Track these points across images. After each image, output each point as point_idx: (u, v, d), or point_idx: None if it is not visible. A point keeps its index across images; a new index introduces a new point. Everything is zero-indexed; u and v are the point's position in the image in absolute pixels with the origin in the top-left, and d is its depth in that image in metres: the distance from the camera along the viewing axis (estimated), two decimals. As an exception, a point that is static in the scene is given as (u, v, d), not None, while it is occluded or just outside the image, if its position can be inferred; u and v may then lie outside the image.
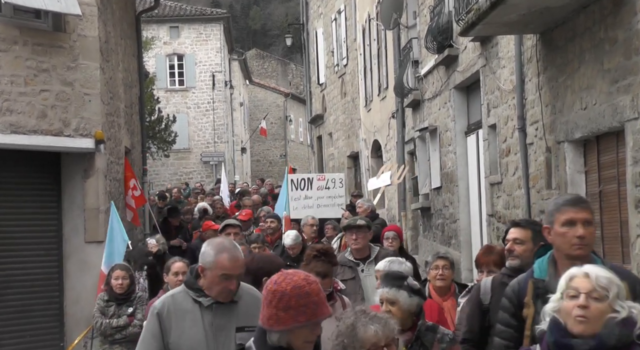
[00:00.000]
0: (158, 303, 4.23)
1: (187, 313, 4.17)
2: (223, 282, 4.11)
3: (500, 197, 11.22)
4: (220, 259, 4.11)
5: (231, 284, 4.12)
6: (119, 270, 8.41)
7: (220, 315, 4.17)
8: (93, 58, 10.71)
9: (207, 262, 4.15)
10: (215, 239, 4.43)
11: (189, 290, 4.22)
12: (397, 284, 4.41)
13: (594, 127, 7.81)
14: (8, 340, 10.11)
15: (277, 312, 3.19)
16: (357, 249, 7.22)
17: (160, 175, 36.22)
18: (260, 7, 76.77)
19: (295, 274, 3.25)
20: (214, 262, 4.11)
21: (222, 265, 4.10)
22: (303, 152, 46.79)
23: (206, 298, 4.16)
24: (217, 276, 4.10)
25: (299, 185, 12.77)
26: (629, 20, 6.97)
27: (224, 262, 4.10)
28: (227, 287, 4.12)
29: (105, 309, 8.27)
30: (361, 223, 7.34)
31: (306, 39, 30.74)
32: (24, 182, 10.56)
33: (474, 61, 12.11)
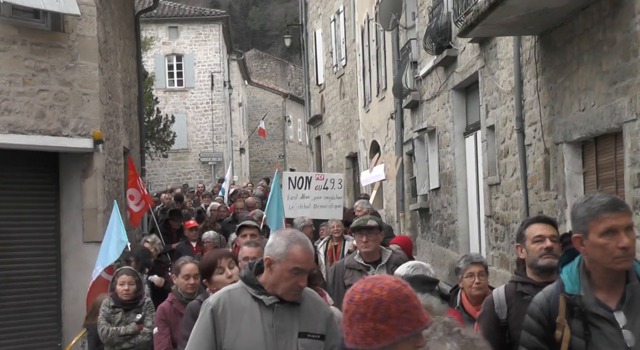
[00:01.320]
0: (213, 298, 3.83)
1: (245, 312, 3.76)
2: (294, 277, 3.71)
3: (498, 198, 11.23)
4: (293, 250, 3.71)
5: (302, 279, 3.73)
6: (124, 275, 7.68)
7: (282, 317, 3.77)
8: (92, 58, 10.71)
9: (277, 253, 3.73)
10: (285, 230, 4.01)
11: (248, 287, 3.80)
12: (428, 288, 3.97)
13: (592, 129, 7.81)
14: (6, 340, 10.11)
15: (374, 325, 2.57)
16: (368, 252, 6.71)
17: (158, 175, 36.21)
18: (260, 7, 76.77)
19: (381, 277, 2.69)
20: (285, 254, 3.71)
21: (295, 258, 3.70)
22: (302, 152, 46.79)
23: (268, 296, 3.76)
24: (288, 270, 3.70)
25: (296, 183, 12.32)
26: (627, 21, 6.97)
27: (298, 253, 3.70)
28: (297, 283, 3.73)
29: (112, 316, 7.59)
30: (372, 224, 6.74)
31: (305, 40, 30.75)
32: (22, 182, 10.56)
33: (472, 62, 12.11)
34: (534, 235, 4.49)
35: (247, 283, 3.82)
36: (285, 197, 12.07)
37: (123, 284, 7.59)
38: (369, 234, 6.68)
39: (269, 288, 3.76)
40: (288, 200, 12.14)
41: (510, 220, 10.72)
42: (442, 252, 14.79)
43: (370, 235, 6.68)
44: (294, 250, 3.71)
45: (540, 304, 3.52)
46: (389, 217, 19.19)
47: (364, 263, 6.70)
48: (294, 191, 12.26)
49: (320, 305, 3.91)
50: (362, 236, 6.70)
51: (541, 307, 3.50)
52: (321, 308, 3.90)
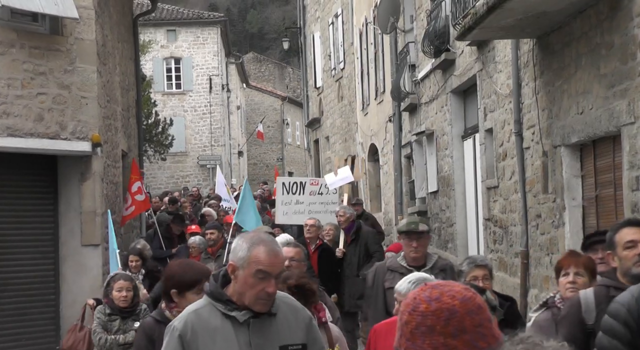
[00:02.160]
0: (178, 321, 3.38)
1: (217, 333, 3.33)
2: (259, 283, 3.31)
3: (496, 201, 11.23)
4: (255, 251, 3.33)
5: (269, 285, 3.31)
6: (122, 280, 7.27)
7: (259, 333, 3.36)
8: (90, 61, 10.72)
9: (238, 257, 3.35)
10: (249, 232, 3.72)
11: (216, 303, 3.38)
12: None
13: (590, 132, 7.82)
14: (4, 344, 10.10)
15: (445, 341, 2.12)
16: (416, 257, 6.34)
17: (157, 178, 36.20)
18: (258, 10, 76.82)
19: (448, 284, 2.28)
20: (247, 257, 3.33)
21: (258, 260, 3.31)
22: (300, 155, 46.79)
23: (240, 311, 3.34)
24: (251, 274, 3.31)
25: (290, 189, 11.99)
26: (625, 25, 6.98)
27: (261, 255, 3.32)
28: (264, 290, 3.31)
29: (108, 324, 7.19)
30: (423, 228, 6.33)
31: (303, 43, 30.76)
32: (20, 185, 10.56)
33: (470, 65, 12.12)
34: (625, 241, 4.21)
35: (215, 298, 3.38)
36: (279, 203, 11.91)
37: (120, 290, 7.16)
38: (420, 239, 6.30)
39: (238, 301, 3.35)
40: (282, 206, 11.87)
41: (508, 223, 10.72)
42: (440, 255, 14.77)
43: (420, 240, 6.32)
44: (256, 251, 3.32)
45: (628, 305, 3.15)
46: (387, 220, 19.19)
47: (407, 266, 6.30)
48: (288, 197, 11.94)
49: (297, 310, 3.54)
50: (412, 241, 6.30)
51: (629, 309, 3.14)
52: (299, 314, 3.53)
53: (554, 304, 4.52)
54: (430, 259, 6.40)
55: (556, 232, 8.94)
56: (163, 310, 4.47)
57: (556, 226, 8.92)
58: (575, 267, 4.62)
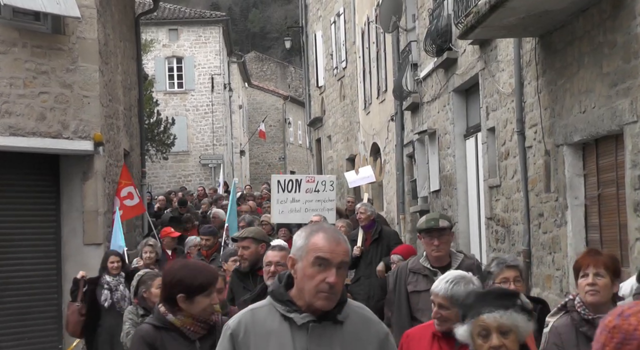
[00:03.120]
0: (233, 321, 3.13)
1: (272, 335, 3.03)
2: (318, 273, 2.97)
3: (499, 200, 11.22)
4: (314, 239, 3.03)
5: (331, 274, 2.96)
6: (160, 278, 7.01)
7: (319, 339, 3.00)
8: (92, 60, 10.72)
9: (297, 248, 3.06)
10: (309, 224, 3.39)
11: (276, 303, 3.07)
12: (509, 303, 3.13)
13: (592, 131, 7.81)
14: (6, 343, 10.11)
15: None
16: (439, 257, 5.84)
17: (159, 177, 36.21)
18: (260, 9, 76.82)
19: None
20: (305, 246, 3.03)
21: (317, 246, 3.00)
22: (302, 154, 46.79)
23: (300, 314, 3.01)
24: (310, 263, 2.99)
25: (286, 187, 11.55)
26: (628, 23, 6.97)
27: (320, 241, 3.01)
28: (324, 280, 2.96)
29: None
30: (444, 225, 5.84)
31: (305, 42, 30.75)
32: (22, 184, 10.57)
33: (473, 64, 12.11)
34: None
35: (275, 299, 3.08)
36: (274, 202, 11.57)
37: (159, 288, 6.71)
38: (441, 237, 5.79)
39: (300, 302, 3.03)
40: (278, 204, 11.51)
41: (510, 223, 10.71)
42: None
43: (442, 237, 5.81)
44: (315, 239, 3.02)
45: None
46: (389, 219, 19.19)
47: (430, 267, 5.85)
48: (283, 195, 11.55)
49: (371, 323, 3.16)
50: (433, 239, 5.79)
51: None
52: (372, 327, 3.14)
53: (574, 308, 4.19)
54: (455, 258, 5.93)
55: (558, 231, 8.93)
56: (163, 315, 4.05)
57: (558, 225, 8.91)
58: (594, 268, 4.24)
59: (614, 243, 7.83)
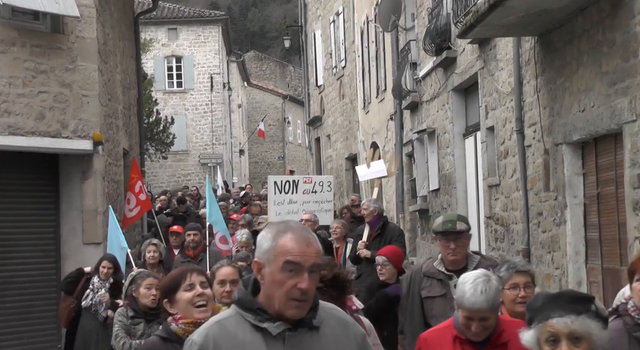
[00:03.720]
0: (198, 335, 2.80)
1: (245, 348, 2.74)
2: (289, 279, 2.70)
3: (498, 199, 11.23)
4: (282, 240, 2.73)
5: (302, 279, 2.69)
6: (151, 278, 6.59)
7: (296, 349, 2.75)
8: (91, 60, 10.72)
9: (263, 251, 2.76)
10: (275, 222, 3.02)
11: (244, 312, 2.78)
12: (582, 308, 2.84)
13: (592, 130, 7.82)
14: (6, 342, 10.11)
15: None
16: (455, 260, 5.48)
17: (158, 177, 36.21)
18: (259, 9, 76.80)
19: None
20: (273, 249, 2.74)
21: (286, 249, 2.71)
22: (301, 154, 46.79)
23: (274, 323, 2.74)
24: (279, 268, 2.70)
25: (283, 188, 11.43)
26: (627, 22, 6.98)
27: (289, 243, 2.72)
28: (296, 286, 2.70)
29: (131, 328, 6.51)
30: (462, 227, 5.47)
31: (304, 41, 30.75)
32: (22, 184, 10.57)
33: (472, 63, 12.12)
34: None
35: (244, 307, 2.79)
36: (271, 203, 11.43)
37: (150, 288, 6.43)
38: (458, 240, 5.43)
39: (270, 309, 2.75)
40: (275, 206, 11.37)
41: (510, 222, 10.72)
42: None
43: (459, 241, 5.44)
44: (283, 240, 2.73)
45: None
46: (389, 218, 19.19)
47: (445, 271, 5.50)
48: (280, 196, 11.42)
49: (348, 325, 2.93)
50: (450, 242, 5.43)
51: None
52: (349, 329, 2.92)
53: (627, 312, 3.94)
54: (471, 260, 5.53)
55: (558, 230, 8.93)
56: (169, 325, 3.85)
57: (558, 224, 8.91)
58: None
59: (613, 242, 7.83)
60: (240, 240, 8.94)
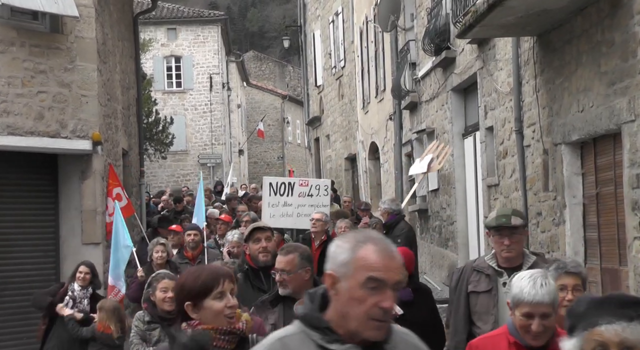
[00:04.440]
0: None
1: None
2: (370, 296, 2.41)
3: (497, 199, 11.23)
4: (363, 253, 2.43)
5: (385, 298, 2.41)
6: (167, 279, 6.16)
7: None
8: (90, 59, 10.72)
9: (339, 263, 2.46)
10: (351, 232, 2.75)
11: (311, 331, 2.49)
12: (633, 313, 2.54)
13: (591, 130, 7.82)
14: (6, 342, 10.12)
15: None
16: (509, 257, 5.08)
17: (157, 177, 36.20)
18: (258, 9, 76.80)
19: None
20: (352, 262, 2.43)
21: (367, 263, 2.42)
22: (300, 154, 46.80)
23: (342, 344, 2.45)
24: (359, 284, 2.41)
25: (278, 190, 11.11)
26: (625, 22, 6.98)
27: (371, 256, 2.42)
28: (378, 305, 2.41)
29: (147, 334, 6.08)
30: (517, 222, 5.06)
31: (303, 41, 30.75)
32: (21, 184, 10.57)
33: (471, 63, 12.12)
34: None
35: (309, 324, 2.50)
36: (265, 205, 11.20)
37: (166, 291, 6.02)
38: (513, 236, 5.04)
39: (341, 329, 2.46)
40: (269, 208, 11.11)
41: (509, 221, 10.70)
42: (441, 254, 14.79)
43: (513, 236, 5.05)
44: (363, 252, 2.43)
45: None
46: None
47: (496, 267, 5.13)
48: (275, 198, 11.11)
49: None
50: (504, 238, 5.04)
51: None
52: None
53: None
54: (527, 259, 5.12)
55: (557, 230, 8.93)
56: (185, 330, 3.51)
57: (557, 224, 8.91)
58: None
59: (612, 242, 7.84)
60: (231, 240, 8.67)
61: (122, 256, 9.74)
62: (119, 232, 9.91)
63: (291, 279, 4.81)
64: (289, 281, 4.81)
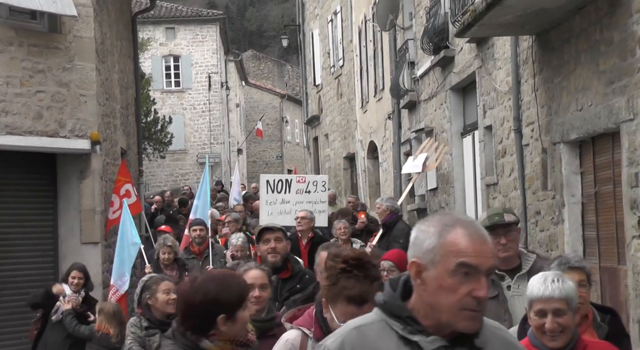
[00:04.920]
0: (333, 341, 2.33)
1: None
2: (462, 285, 2.20)
3: (496, 198, 11.23)
4: (452, 236, 2.22)
5: (479, 286, 2.20)
6: (167, 281, 5.99)
7: None
8: (89, 59, 10.71)
9: (425, 249, 2.25)
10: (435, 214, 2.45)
11: (392, 320, 2.29)
12: None
13: (589, 128, 7.82)
14: (5, 342, 10.11)
15: None
16: (506, 257, 4.85)
17: (156, 176, 36.20)
18: (257, 8, 76.76)
19: None
20: (440, 246, 2.22)
21: (458, 247, 2.21)
22: (299, 153, 46.78)
23: (427, 336, 2.25)
24: (449, 271, 2.20)
25: (275, 187, 11.01)
26: (624, 21, 6.98)
27: (461, 240, 2.21)
28: (471, 294, 2.20)
29: (146, 340, 5.82)
30: (510, 219, 4.87)
31: (302, 40, 30.74)
32: (19, 184, 10.56)
33: (470, 62, 12.12)
34: None
35: (390, 313, 2.30)
36: (263, 203, 11.13)
37: (168, 293, 5.79)
38: (508, 234, 4.83)
39: (426, 321, 2.26)
40: (267, 205, 11.00)
41: (508, 220, 10.70)
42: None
43: (509, 234, 4.84)
44: (452, 236, 2.22)
45: None
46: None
47: (497, 271, 4.83)
48: (272, 196, 11.01)
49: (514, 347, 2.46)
50: (499, 237, 4.78)
51: None
52: None
53: None
54: (526, 259, 4.91)
55: (555, 229, 8.94)
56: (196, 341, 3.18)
57: (555, 223, 8.92)
58: None
59: (610, 241, 7.84)
60: (235, 244, 8.61)
61: (128, 254, 9.68)
62: (127, 230, 9.82)
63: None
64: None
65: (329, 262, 3.16)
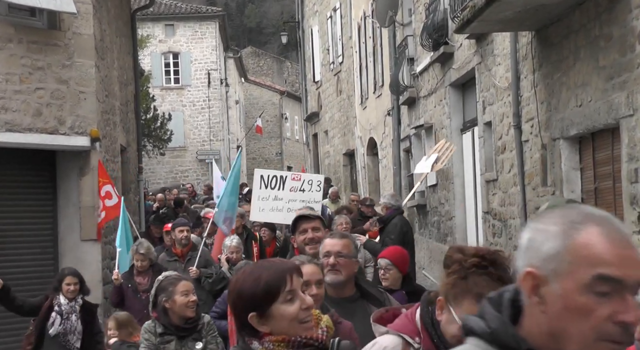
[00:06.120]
0: None
1: None
2: (599, 306, 1.56)
3: (495, 194, 11.24)
4: (584, 238, 1.58)
5: (624, 307, 1.56)
6: (185, 281, 5.49)
7: None
8: (88, 56, 10.71)
9: (544, 256, 1.61)
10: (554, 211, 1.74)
11: None
12: None
13: (589, 124, 7.82)
14: (4, 339, 10.11)
15: None
16: None
17: (155, 173, 36.19)
18: (256, 4, 76.69)
19: None
20: (566, 251, 1.58)
21: (593, 254, 1.57)
22: (299, 150, 46.78)
23: None
24: (582, 287, 1.57)
25: (269, 183, 10.69)
26: (623, 17, 6.98)
27: (598, 244, 1.57)
28: (614, 318, 1.56)
29: (160, 347, 5.34)
30: None
31: (302, 37, 30.73)
32: (19, 181, 10.56)
33: (469, 58, 12.12)
34: None
35: (499, 344, 1.65)
36: (255, 198, 10.78)
37: (187, 294, 5.33)
38: None
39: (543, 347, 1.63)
40: (258, 201, 10.67)
41: (507, 217, 10.72)
42: (439, 249, 14.79)
43: None
44: (584, 238, 1.58)
45: None
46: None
47: None
48: (265, 191, 10.68)
49: None
50: None
51: None
52: None
53: None
54: None
55: (555, 225, 8.93)
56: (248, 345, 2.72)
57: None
58: None
59: (610, 236, 7.83)
60: (230, 245, 8.36)
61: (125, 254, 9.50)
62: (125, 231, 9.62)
63: (345, 264, 4.25)
64: (343, 266, 4.22)
65: (456, 255, 2.68)
